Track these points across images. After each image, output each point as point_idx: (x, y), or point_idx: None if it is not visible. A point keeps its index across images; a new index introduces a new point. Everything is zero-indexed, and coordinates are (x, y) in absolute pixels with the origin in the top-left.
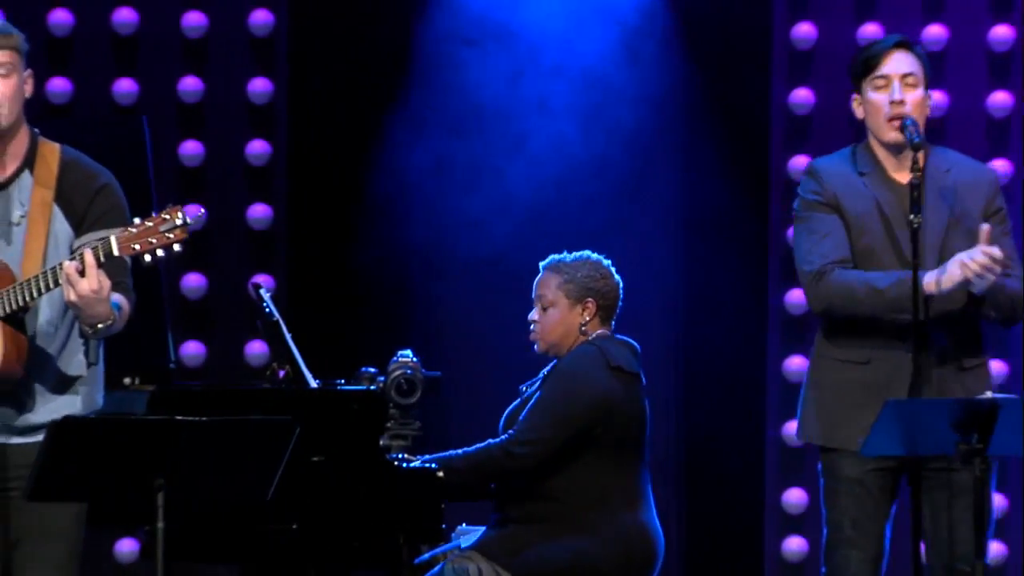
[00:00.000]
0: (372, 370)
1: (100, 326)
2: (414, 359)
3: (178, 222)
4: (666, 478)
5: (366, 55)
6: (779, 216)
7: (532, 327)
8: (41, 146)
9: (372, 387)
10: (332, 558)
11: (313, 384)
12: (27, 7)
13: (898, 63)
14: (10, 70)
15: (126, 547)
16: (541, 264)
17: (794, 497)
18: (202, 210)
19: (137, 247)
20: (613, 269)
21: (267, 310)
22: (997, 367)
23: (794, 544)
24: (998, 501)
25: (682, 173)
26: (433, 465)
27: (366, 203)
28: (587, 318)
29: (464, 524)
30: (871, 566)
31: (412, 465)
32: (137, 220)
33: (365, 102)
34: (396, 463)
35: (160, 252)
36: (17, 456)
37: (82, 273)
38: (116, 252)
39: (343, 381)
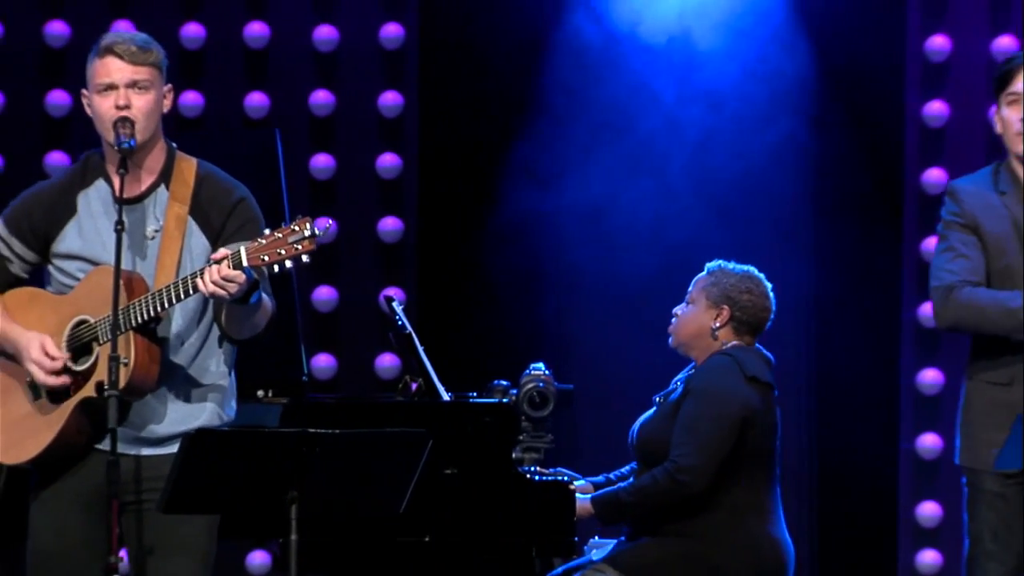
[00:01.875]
0: (504, 383)
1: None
2: (546, 372)
3: (306, 233)
4: (799, 491)
5: (497, 67)
6: (913, 228)
7: (673, 319)
8: (178, 161)
9: (504, 400)
10: (464, 571)
11: (445, 397)
12: (159, 21)
13: None
14: (148, 87)
15: (258, 559)
16: (707, 265)
17: (928, 510)
18: (330, 222)
19: (266, 258)
20: (769, 290)
21: (399, 323)
22: None
23: (928, 557)
24: None
25: (816, 186)
26: (565, 478)
27: (497, 214)
28: (719, 324)
29: (597, 537)
30: None
31: (544, 478)
32: (266, 231)
33: (495, 114)
34: (529, 476)
35: (288, 264)
36: (150, 467)
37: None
38: (245, 263)
39: (475, 394)
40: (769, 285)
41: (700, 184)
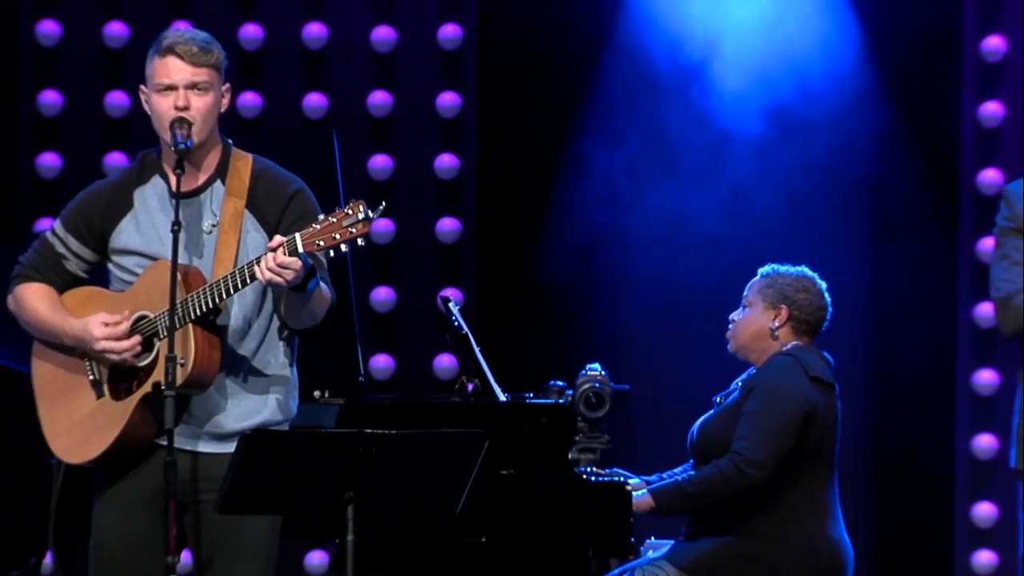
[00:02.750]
0: (560, 383)
1: (306, 281)
2: (602, 372)
3: (360, 216)
4: (855, 491)
5: (555, 68)
6: (969, 229)
7: (730, 326)
8: (234, 157)
9: (561, 400)
10: (520, 572)
11: (502, 397)
12: (217, 22)
13: None
14: (207, 88)
15: (316, 559)
16: (759, 270)
17: (983, 511)
18: (383, 204)
19: (321, 243)
20: (824, 289)
21: (456, 323)
22: None
23: (984, 558)
24: None
25: (871, 187)
26: (622, 479)
27: (554, 216)
28: (777, 324)
29: (653, 537)
30: None
31: (601, 479)
32: (320, 216)
33: (554, 115)
34: (585, 476)
35: (343, 247)
36: (208, 467)
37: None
38: (300, 249)
39: (532, 394)
40: (823, 284)
41: (758, 187)
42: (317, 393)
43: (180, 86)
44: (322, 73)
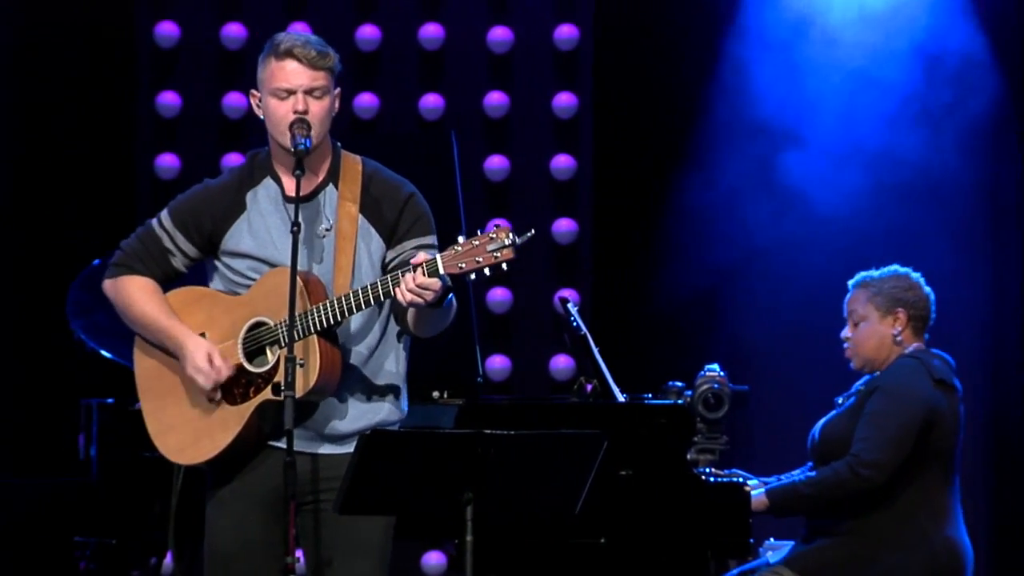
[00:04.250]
0: (679, 384)
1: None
2: (721, 373)
3: (506, 242)
4: (974, 490)
5: (672, 68)
6: None
7: (846, 344)
8: (344, 160)
9: (679, 401)
10: (639, 572)
11: (620, 398)
12: (335, 22)
13: None
14: (324, 92)
15: (433, 559)
16: (849, 282)
17: None
18: (532, 231)
19: (463, 266)
20: (923, 281)
21: (574, 324)
22: None
23: None
24: None
25: (989, 184)
26: (740, 479)
27: (671, 216)
28: (899, 328)
29: (772, 539)
30: None
31: (719, 479)
32: (462, 239)
33: (671, 116)
34: (704, 477)
35: (486, 272)
36: (327, 467)
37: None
38: (442, 271)
39: (650, 395)
40: (918, 274)
41: (878, 187)
42: (436, 394)
43: (299, 91)
44: (439, 74)
